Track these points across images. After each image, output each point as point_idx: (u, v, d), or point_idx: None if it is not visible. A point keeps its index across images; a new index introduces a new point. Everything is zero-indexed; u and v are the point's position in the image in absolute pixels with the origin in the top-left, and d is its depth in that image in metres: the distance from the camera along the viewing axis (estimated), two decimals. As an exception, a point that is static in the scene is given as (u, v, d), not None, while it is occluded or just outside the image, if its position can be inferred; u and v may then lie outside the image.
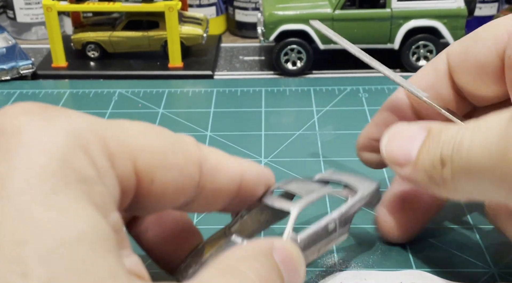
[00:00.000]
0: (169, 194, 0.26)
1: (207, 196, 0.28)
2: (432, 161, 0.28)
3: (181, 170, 0.26)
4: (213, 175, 0.28)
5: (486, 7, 0.70)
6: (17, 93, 0.58)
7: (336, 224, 0.31)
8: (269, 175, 0.32)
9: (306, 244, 0.30)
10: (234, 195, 0.29)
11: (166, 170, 0.25)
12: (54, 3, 0.60)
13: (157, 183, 0.25)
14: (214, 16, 0.73)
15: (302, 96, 0.57)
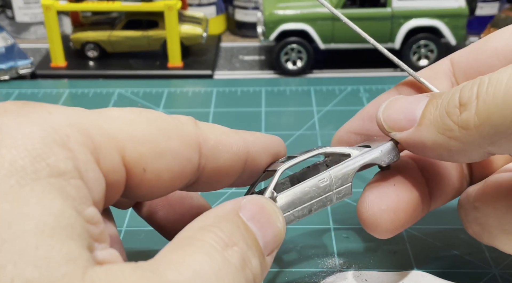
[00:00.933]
0: (166, 180, 0.25)
1: (210, 176, 0.27)
2: (445, 108, 0.25)
3: (176, 155, 0.25)
4: (214, 154, 0.27)
5: (487, 6, 0.69)
6: (16, 93, 0.58)
7: (331, 181, 0.29)
8: (277, 144, 0.31)
9: (289, 202, 0.28)
10: (240, 171, 0.29)
11: (158, 157, 0.24)
12: (53, 2, 0.60)
13: (150, 171, 0.24)
14: (214, 16, 0.72)
15: (302, 96, 0.57)
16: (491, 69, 0.28)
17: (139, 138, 0.24)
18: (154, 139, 0.24)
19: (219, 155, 0.27)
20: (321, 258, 0.35)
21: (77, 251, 0.19)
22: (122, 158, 0.23)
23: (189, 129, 0.26)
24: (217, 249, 0.21)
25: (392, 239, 0.36)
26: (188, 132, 0.26)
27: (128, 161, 0.24)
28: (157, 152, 0.24)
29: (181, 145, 0.25)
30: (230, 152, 0.28)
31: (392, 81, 0.59)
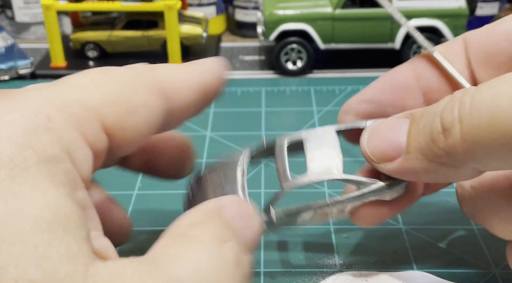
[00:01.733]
0: (143, 134, 0.25)
1: (175, 114, 0.27)
2: (429, 135, 0.25)
3: (147, 106, 0.25)
4: (175, 94, 0.27)
5: (487, 6, 0.69)
6: (16, 93, 0.58)
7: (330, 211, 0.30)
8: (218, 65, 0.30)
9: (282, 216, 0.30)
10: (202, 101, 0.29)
11: (133, 113, 0.25)
12: (53, 2, 0.60)
13: (128, 128, 0.24)
14: (214, 16, 0.72)
15: (302, 96, 0.56)
16: (499, 50, 0.29)
17: (112, 100, 0.24)
18: (124, 96, 0.24)
19: (180, 94, 0.27)
20: (321, 258, 0.35)
21: (76, 246, 0.19)
22: (102, 124, 0.23)
23: (148, 75, 0.26)
24: (213, 245, 0.21)
25: (392, 239, 0.36)
26: (148, 79, 0.26)
27: (108, 126, 0.24)
28: (130, 108, 0.24)
29: (148, 95, 0.25)
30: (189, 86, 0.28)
31: (392, 81, 0.59)
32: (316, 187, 0.42)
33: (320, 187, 0.42)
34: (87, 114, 0.23)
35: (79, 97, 0.23)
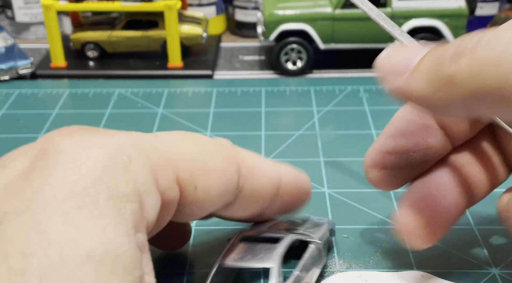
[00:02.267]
0: (212, 198, 0.26)
1: (246, 197, 0.28)
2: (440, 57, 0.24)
3: (221, 173, 0.26)
4: (251, 176, 0.28)
5: (487, 6, 0.69)
6: (16, 93, 0.58)
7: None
8: (306, 180, 0.32)
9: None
10: (272, 198, 0.30)
11: (207, 175, 0.26)
12: (53, 2, 0.60)
13: (200, 188, 0.25)
14: (214, 16, 0.72)
15: (302, 96, 0.57)
16: None
17: (190, 157, 0.25)
18: (203, 158, 0.26)
19: (256, 177, 0.29)
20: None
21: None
22: (176, 176, 0.24)
23: (229, 150, 0.28)
24: None
25: (392, 239, 0.36)
26: (228, 153, 0.27)
27: (181, 179, 0.25)
28: (205, 169, 0.26)
29: (225, 164, 0.27)
30: (265, 175, 0.29)
31: (392, 81, 0.58)
32: (316, 187, 0.42)
33: (320, 187, 0.42)
34: (164, 163, 0.24)
35: (159, 147, 0.24)
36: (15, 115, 0.54)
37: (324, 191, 0.41)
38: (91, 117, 0.53)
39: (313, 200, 0.40)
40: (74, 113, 0.54)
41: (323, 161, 0.45)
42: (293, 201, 0.32)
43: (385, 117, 0.52)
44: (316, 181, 0.42)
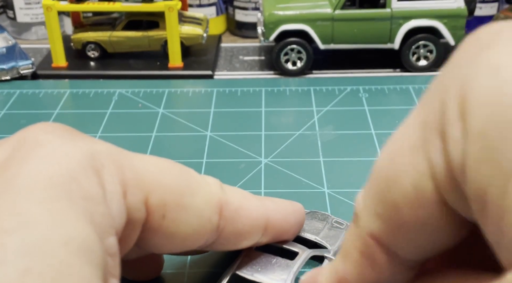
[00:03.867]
0: (183, 234, 0.26)
1: (228, 238, 0.28)
2: None
3: (197, 212, 0.26)
4: (234, 218, 0.28)
5: (486, 7, 0.70)
6: (17, 93, 0.58)
7: None
8: (299, 213, 0.32)
9: None
10: (258, 237, 0.29)
11: (179, 209, 0.25)
12: (54, 3, 0.60)
13: (169, 219, 0.25)
14: (214, 16, 0.73)
15: (302, 96, 0.57)
16: None
17: (165, 187, 0.25)
18: (180, 192, 0.26)
19: (239, 220, 0.28)
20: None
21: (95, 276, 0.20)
22: (145, 199, 0.24)
23: (214, 190, 0.27)
24: None
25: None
26: (212, 194, 0.27)
27: (150, 204, 0.25)
28: (179, 204, 0.25)
29: (203, 204, 0.26)
30: (250, 217, 0.28)
31: (392, 82, 0.59)
32: (316, 187, 0.42)
33: (320, 187, 0.42)
34: (136, 182, 0.24)
35: (137, 166, 0.25)
36: (16, 115, 0.54)
37: (324, 191, 0.41)
38: (92, 117, 0.53)
39: (313, 200, 0.40)
40: (75, 113, 0.55)
41: (323, 161, 0.46)
42: (284, 236, 0.31)
43: (384, 117, 0.52)
44: (316, 181, 0.42)
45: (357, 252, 0.22)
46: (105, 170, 0.23)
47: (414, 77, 0.60)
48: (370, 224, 0.21)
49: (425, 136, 0.19)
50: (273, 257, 0.31)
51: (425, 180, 0.19)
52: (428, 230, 0.20)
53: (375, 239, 0.21)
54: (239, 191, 0.29)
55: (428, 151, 0.18)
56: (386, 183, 0.20)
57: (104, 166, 0.23)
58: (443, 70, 0.19)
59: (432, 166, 0.18)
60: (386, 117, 0.52)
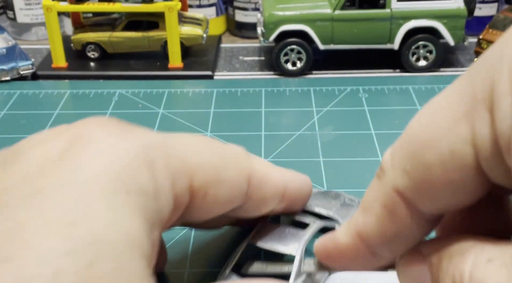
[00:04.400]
0: (220, 204, 0.28)
1: (253, 203, 0.30)
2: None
3: (232, 183, 0.28)
4: (259, 185, 0.30)
5: (486, 7, 0.70)
6: (17, 93, 0.58)
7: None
8: (308, 184, 0.34)
9: None
10: (277, 202, 0.31)
11: (218, 185, 0.27)
12: (54, 3, 0.60)
13: (210, 196, 0.27)
14: (214, 17, 0.73)
15: (302, 96, 0.57)
16: None
17: (206, 167, 0.27)
18: (217, 169, 0.27)
19: (263, 187, 0.30)
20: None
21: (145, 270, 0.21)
22: (190, 184, 0.26)
23: (243, 160, 0.29)
24: None
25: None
26: (242, 163, 0.29)
27: (194, 187, 0.26)
28: (218, 180, 0.27)
29: (236, 175, 0.28)
30: (272, 185, 0.31)
31: (391, 82, 0.59)
32: (317, 187, 0.42)
33: (320, 187, 0.42)
34: (182, 169, 0.26)
35: (181, 154, 0.26)
36: (16, 116, 0.54)
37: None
38: (92, 118, 0.53)
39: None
40: (75, 114, 0.55)
41: (322, 161, 0.46)
42: (296, 204, 0.33)
43: (384, 117, 0.52)
44: (316, 181, 0.42)
45: (379, 205, 0.24)
46: (156, 164, 0.24)
47: (414, 78, 0.60)
48: (396, 180, 0.23)
49: (471, 107, 0.20)
50: (285, 227, 0.33)
51: (465, 146, 0.20)
52: (454, 190, 0.21)
53: (399, 193, 0.23)
54: (261, 159, 0.31)
55: (473, 120, 0.20)
56: (421, 144, 0.21)
57: (155, 160, 0.24)
58: (493, 47, 0.20)
59: (475, 134, 0.20)
60: (386, 117, 0.52)
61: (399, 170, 0.23)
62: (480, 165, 0.20)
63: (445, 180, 0.21)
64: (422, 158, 0.21)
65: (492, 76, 0.19)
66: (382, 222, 0.24)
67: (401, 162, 0.23)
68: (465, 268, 0.21)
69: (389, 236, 0.24)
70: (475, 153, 0.20)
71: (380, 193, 0.24)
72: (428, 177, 0.21)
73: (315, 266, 0.30)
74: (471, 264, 0.21)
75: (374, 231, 0.24)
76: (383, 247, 0.25)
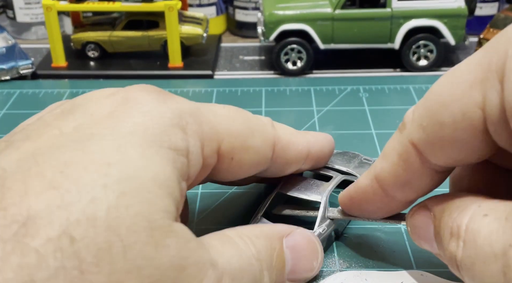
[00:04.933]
0: (245, 169, 0.31)
1: (277, 167, 0.33)
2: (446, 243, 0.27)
3: (257, 150, 0.31)
4: (284, 151, 0.33)
5: (487, 6, 0.70)
6: (17, 93, 0.58)
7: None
8: (330, 142, 0.37)
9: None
10: (300, 165, 0.35)
11: (244, 151, 0.30)
12: (54, 3, 0.60)
13: (236, 160, 0.30)
14: (214, 16, 0.73)
15: (302, 96, 0.57)
16: None
17: (234, 134, 0.30)
18: (244, 136, 0.30)
19: (287, 152, 0.33)
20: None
21: (172, 207, 0.25)
22: (218, 148, 0.29)
23: (268, 129, 0.32)
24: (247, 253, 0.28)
25: (392, 239, 0.36)
26: (267, 132, 0.32)
27: (221, 151, 0.29)
28: (244, 146, 0.30)
29: (262, 143, 0.31)
30: (296, 150, 0.34)
31: (392, 81, 0.59)
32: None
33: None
34: (211, 135, 0.29)
35: (211, 120, 0.29)
36: (16, 115, 0.54)
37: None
38: (92, 117, 0.53)
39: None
40: (75, 113, 0.54)
41: (323, 161, 0.45)
42: (319, 163, 0.37)
43: (385, 117, 0.52)
44: (316, 181, 0.42)
45: (396, 154, 0.27)
46: (189, 127, 0.27)
47: (414, 77, 0.60)
48: (413, 133, 0.26)
49: (485, 76, 0.23)
50: (311, 179, 0.36)
51: (475, 110, 0.23)
52: (462, 147, 0.25)
53: (414, 145, 0.26)
54: (286, 127, 0.34)
55: (485, 88, 0.23)
56: (439, 104, 0.25)
57: (188, 123, 0.27)
58: (508, 27, 0.23)
59: (486, 100, 0.23)
60: (386, 117, 0.52)
61: (417, 125, 0.26)
62: (487, 128, 0.23)
63: (455, 138, 0.24)
64: (438, 116, 0.25)
65: (506, 50, 0.22)
66: (397, 168, 0.28)
67: (420, 118, 0.26)
68: (463, 221, 0.25)
69: (402, 182, 0.28)
70: (484, 117, 0.23)
71: (398, 143, 0.27)
72: (440, 133, 0.25)
73: (338, 214, 0.34)
74: (468, 218, 0.24)
75: (390, 176, 0.28)
76: (397, 190, 0.29)
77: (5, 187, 0.22)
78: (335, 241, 0.36)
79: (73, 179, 0.23)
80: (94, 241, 0.22)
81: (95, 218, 0.22)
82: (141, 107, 0.27)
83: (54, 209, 0.22)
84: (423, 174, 0.27)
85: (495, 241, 0.23)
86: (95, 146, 0.24)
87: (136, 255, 0.22)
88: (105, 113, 0.26)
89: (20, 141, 0.25)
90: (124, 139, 0.25)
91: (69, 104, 0.28)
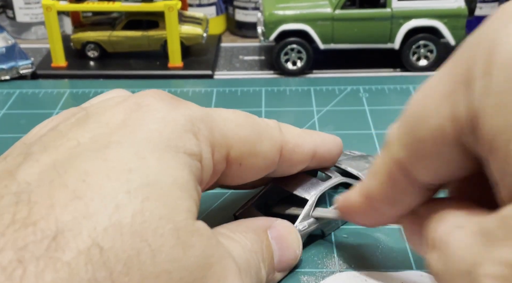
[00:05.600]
0: (253, 173, 0.32)
1: (283, 168, 0.34)
2: None
3: (265, 155, 0.32)
4: (290, 154, 0.33)
5: (487, 6, 0.70)
6: (17, 93, 0.58)
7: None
8: (337, 146, 0.37)
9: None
10: (306, 165, 0.35)
11: (253, 156, 0.31)
12: (53, 2, 0.60)
13: (244, 166, 0.31)
14: (214, 16, 0.73)
15: (302, 96, 0.57)
16: None
17: (243, 140, 0.30)
18: (252, 142, 0.31)
19: (294, 155, 0.34)
20: (321, 258, 0.35)
21: (193, 207, 0.25)
22: (227, 154, 0.30)
23: (276, 133, 0.32)
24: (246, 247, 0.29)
25: (392, 239, 0.36)
26: (275, 136, 0.32)
27: (230, 157, 0.30)
28: (252, 152, 0.31)
29: (270, 148, 0.32)
30: (303, 152, 0.34)
31: (392, 81, 0.59)
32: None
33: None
34: (221, 140, 0.29)
35: (221, 126, 0.30)
36: (16, 115, 0.54)
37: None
38: (91, 117, 0.53)
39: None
40: (75, 113, 0.54)
41: (323, 161, 0.45)
42: (325, 164, 0.37)
43: (385, 117, 0.52)
44: (316, 181, 0.42)
45: (384, 173, 0.27)
46: (201, 133, 0.28)
47: (414, 77, 0.60)
48: (397, 151, 0.26)
49: (453, 88, 0.23)
50: (311, 177, 0.37)
51: (447, 122, 0.23)
52: (444, 161, 0.24)
53: (399, 164, 0.26)
54: (293, 128, 0.35)
55: (453, 100, 0.23)
56: (416, 121, 0.24)
57: (200, 129, 0.28)
58: (473, 35, 0.23)
59: (455, 112, 0.22)
60: (386, 117, 0.52)
61: (400, 143, 0.26)
62: (461, 139, 0.23)
63: (435, 153, 0.24)
64: (416, 132, 0.24)
65: (470, 61, 0.22)
66: (385, 187, 0.27)
67: (401, 135, 0.26)
68: (438, 232, 0.24)
69: (391, 200, 0.28)
70: (455, 128, 0.23)
71: (385, 163, 0.27)
72: (422, 150, 0.24)
73: (326, 214, 0.35)
74: (443, 229, 0.24)
75: (378, 194, 0.28)
76: (386, 207, 0.28)
77: (32, 201, 0.23)
78: (335, 241, 0.36)
79: (95, 187, 0.23)
80: (122, 249, 0.22)
81: (121, 225, 0.22)
82: (154, 114, 0.27)
83: (81, 220, 0.22)
84: (412, 192, 0.27)
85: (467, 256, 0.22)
86: (113, 153, 0.25)
87: (164, 258, 0.23)
88: (119, 121, 0.27)
89: (38, 153, 0.25)
90: (141, 146, 0.25)
91: (82, 114, 0.28)
